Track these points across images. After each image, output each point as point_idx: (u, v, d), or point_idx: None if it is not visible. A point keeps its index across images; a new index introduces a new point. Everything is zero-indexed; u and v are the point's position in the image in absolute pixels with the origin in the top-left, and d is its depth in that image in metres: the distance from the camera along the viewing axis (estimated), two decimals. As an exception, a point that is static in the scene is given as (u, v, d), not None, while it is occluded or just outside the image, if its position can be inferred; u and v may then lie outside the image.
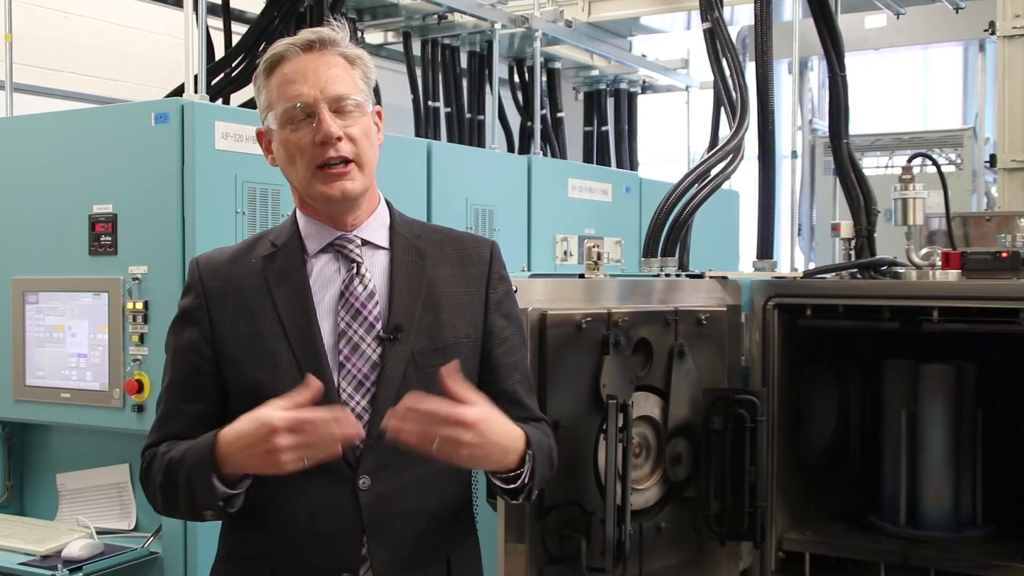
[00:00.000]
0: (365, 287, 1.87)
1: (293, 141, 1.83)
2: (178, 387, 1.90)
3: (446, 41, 5.49)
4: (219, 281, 1.89)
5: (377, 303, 1.86)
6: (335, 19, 1.98)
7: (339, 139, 1.82)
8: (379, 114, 1.95)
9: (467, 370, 1.91)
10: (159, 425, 1.91)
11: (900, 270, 3.03)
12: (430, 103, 5.42)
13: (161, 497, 1.86)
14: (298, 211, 1.95)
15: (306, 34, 1.88)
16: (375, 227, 1.93)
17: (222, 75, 4.14)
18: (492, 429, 1.74)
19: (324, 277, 1.88)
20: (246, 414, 1.71)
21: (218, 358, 1.86)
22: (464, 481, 1.98)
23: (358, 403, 1.82)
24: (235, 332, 1.85)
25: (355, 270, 1.88)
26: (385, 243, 1.93)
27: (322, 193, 1.84)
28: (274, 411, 1.67)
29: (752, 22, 3.56)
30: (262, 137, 1.93)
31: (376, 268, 1.90)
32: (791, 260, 5.18)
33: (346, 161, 1.84)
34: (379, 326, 1.85)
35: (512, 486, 1.84)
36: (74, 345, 3.27)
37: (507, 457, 1.79)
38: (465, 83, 5.69)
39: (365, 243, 1.91)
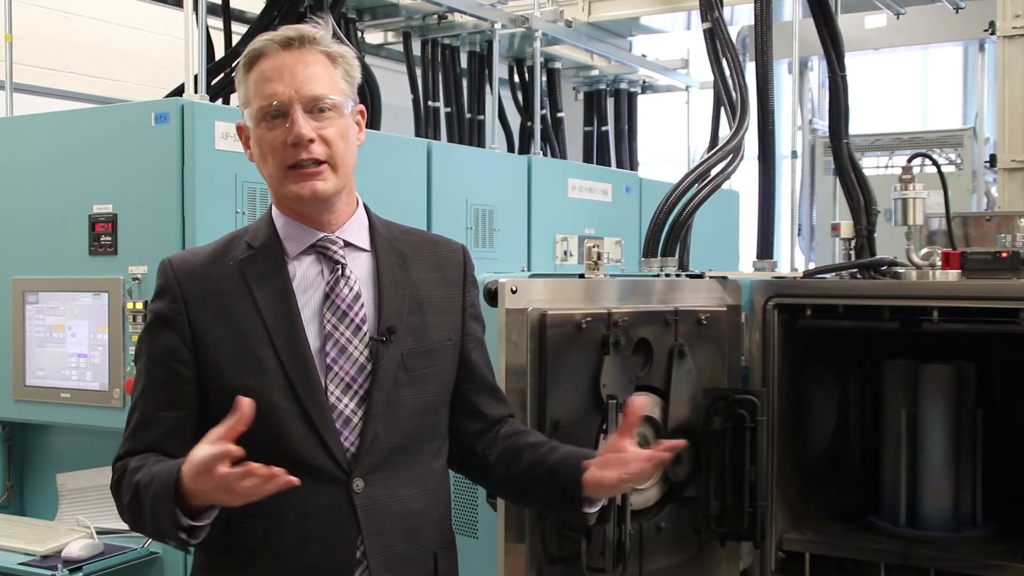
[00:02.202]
0: (351, 289, 1.86)
1: (267, 140, 1.82)
2: (154, 393, 1.84)
3: (446, 41, 5.49)
4: (197, 284, 1.85)
5: (363, 305, 1.86)
6: (317, 16, 1.95)
7: (311, 141, 1.80)
8: (361, 113, 1.92)
9: (450, 372, 1.95)
10: (132, 434, 1.86)
11: (900, 270, 3.03)
12: (430, 103, 5.42)
13: (128, 516, 1.81)
14: (275, 209, 1.92)
15: (286, 31, 1.86)
16: (355, 229, 1.92)
17: (222, 75, 4.13)
18: None
19: (307, 279, 1.86)
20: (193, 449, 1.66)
21: (199, 364, 1.82)
22: (446, 481, 1.99)
23: (347, 405, 1.81)
24: (217, 338, 1.82)
25: (340, 272, 1.86)
26: (366, 245, 1.93)
27: (292, 192, 1.82)
28: (200, 449, 1.62)
29: (752, 22, 3.56)
30: (242, 131, 1.91)
31: (359, 270, 1.89)
32: (791, 260, 5.18)
33: (318, 162, 1.81)
34: (365, 328, 1.84)
35: (593, 509, 1.94)
36: (74, 345, 3.27)
37: None
38: (465, 83, 5.69)
39: (347, 245, 1.90)
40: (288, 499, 1.74)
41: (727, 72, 3.59)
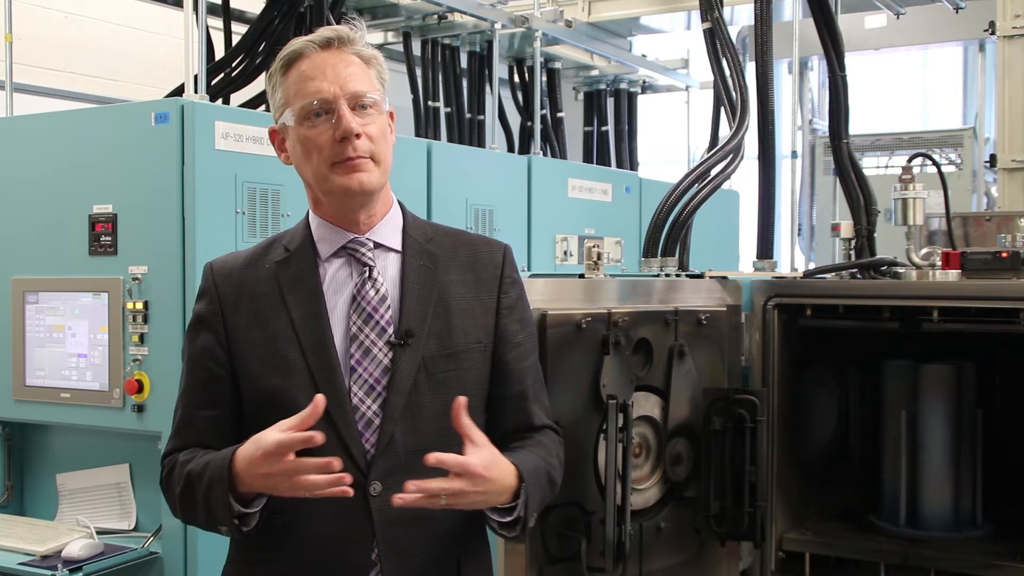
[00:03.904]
0: (377, 291, 1.86)
1: (311, 137, 1.83)
2: (194, 393, 1.90)
3: (446, 41, 5.49)
4: (233, 287, 1.89)
5: (389, 307, 1.86)
6: (352, 19, 1.97)
7: (358, 136, 1.81)
8: (391, 115, 1.94)
9: (478, 376, 1.91)
10: (176, 432, 1.91)
11: (900, 270, 3.03)
12: (430, 103, 5.42)
13: (180, 507, 1.87)
14: (311, 213, 1.94)
15: (324, 32, 1.87)
16: (388, 229, 1.93)
17: (222, 75, 4.14)
18: (494, 475, 1.74)
19: (337, 281, 1.88)
20: (257, 434, 1.72)
21: (233, 364, 1.86)
22: None
23: (369, 407, 1.82)
24: (249, 338, 1.85)
25: (367, 274, 1.87)
26: (397, 246, 1.92)
27: (340, 185, 1.83)
28: (272, 433, 1.68)
29: (752, 22, 3.56)
30: (275, 135, 1.92)
31: (388, 272, 1.90)
32: (791, 260, 5.17)
33: (362, 157, 1.83)
34: (391, 330, 1.84)
35: (507, 519, 1.82)
36: (74, 345, 3.27)
37: (502, 496, 1.78)
38: (465, 83, 5.68)
39: (377, 246, 1.90)
40: (309, 499, 1.76)
41: (727, 72, 3.60)
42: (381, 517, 1.80)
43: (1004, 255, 2.85)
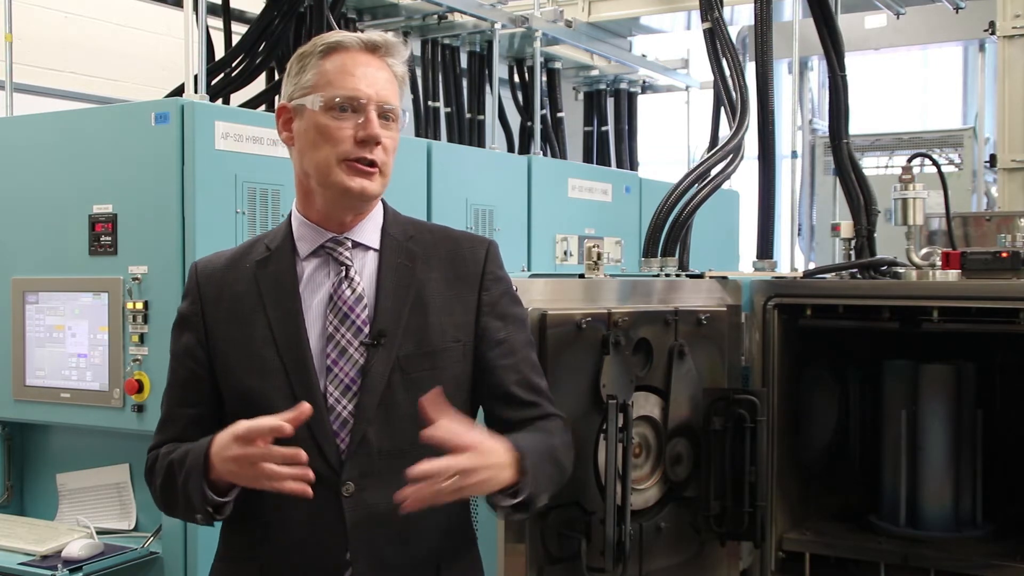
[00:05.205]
0: (354, 291, 1.86)
1: (331, 128, 1.83)
2: (176, 390, 1.93)
3: (446, 41, 5.49)
4: (214, 286, 1.90)
5: (366, 307, 1.85)
6: (405, 37, 2.00)
7: (378, 144, 1.84)
8: None
9: (457, 374, 1.89)
10: (160, 428, 1.95)
11: (900, 270, 3.03)
12: (430, 103, 5.42)
13: (161, 498, 1.90)
14: (295, 211, 1.94)
15: (374, 36, 1.90)
16: (367, 228, 1.92)
17: (222, 75, 4.13)
18: (489, 447, 1.71)
19: (315, 281, 1.88)
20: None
21: (212, 363, 1.88)
22: None
23: (344, 407, 1.82)
24: (227, 337, 1.87)
25: (344, 273, 1.87)
26: (376, 244, 1.92)
27: (341, 183, 1.83)
28: (248, 422, 1.69)
29: (752, 22, 3.56)
30: (283, 111, 1.92)
31: (366, 270, 1.89)
32: (791, 260, 5.17)
33: (372, 164, 1.85)
34: (367, 330, 1.84)
35: (516, 500, 1.79)
36: (74, 345, 3.27)
37: (504, 472, 1.74)
38: (465, 83, 5.68)
39: (356, 245, 1.90)
40: (284, 498, 1.75)
41: (727, 72, 3.60)
42: (353, 517, 1.79)
43: (1004, 255, 2.85)
